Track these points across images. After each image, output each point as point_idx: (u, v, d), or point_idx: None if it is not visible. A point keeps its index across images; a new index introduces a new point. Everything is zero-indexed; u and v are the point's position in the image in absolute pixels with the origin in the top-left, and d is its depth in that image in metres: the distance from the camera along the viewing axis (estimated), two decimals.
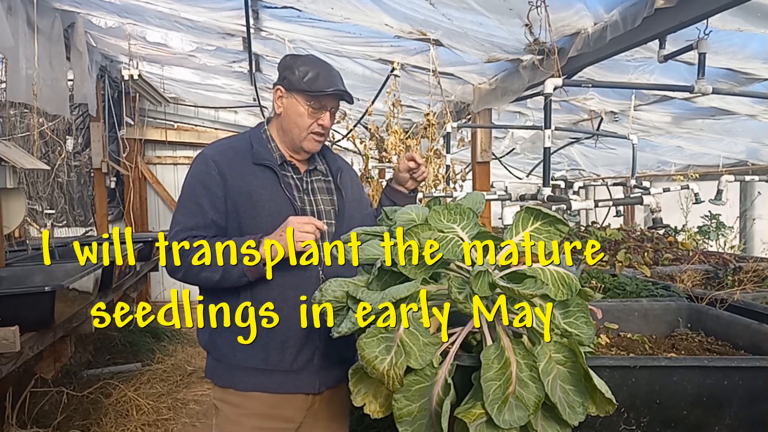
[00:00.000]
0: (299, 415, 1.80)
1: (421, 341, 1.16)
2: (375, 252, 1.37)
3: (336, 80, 1.80)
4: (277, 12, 3.67)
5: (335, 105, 1.83)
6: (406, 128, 5.01)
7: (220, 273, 1.66)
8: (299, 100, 1.78)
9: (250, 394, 1.74)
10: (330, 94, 1.78)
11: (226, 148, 1.82)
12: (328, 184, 1.91)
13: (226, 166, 1.75)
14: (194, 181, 1.76)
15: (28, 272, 3.17)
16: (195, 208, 1.74)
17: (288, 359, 1.73)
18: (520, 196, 3.51)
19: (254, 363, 1.73)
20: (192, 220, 1.73)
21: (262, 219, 1.72)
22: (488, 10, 2.77)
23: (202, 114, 8.10)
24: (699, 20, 2.25)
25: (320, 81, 1.77)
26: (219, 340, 1.78)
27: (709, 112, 4.34)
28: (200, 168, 1.77)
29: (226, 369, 1.78)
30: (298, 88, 1.77)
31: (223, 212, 1.74)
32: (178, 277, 1.73)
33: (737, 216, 3.92)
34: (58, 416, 3.64)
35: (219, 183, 1.73)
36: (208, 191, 1.73)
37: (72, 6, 4.32)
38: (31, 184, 6.74)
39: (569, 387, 1.10)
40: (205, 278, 1.70)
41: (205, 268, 1.67)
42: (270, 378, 1.74)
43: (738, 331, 1.59)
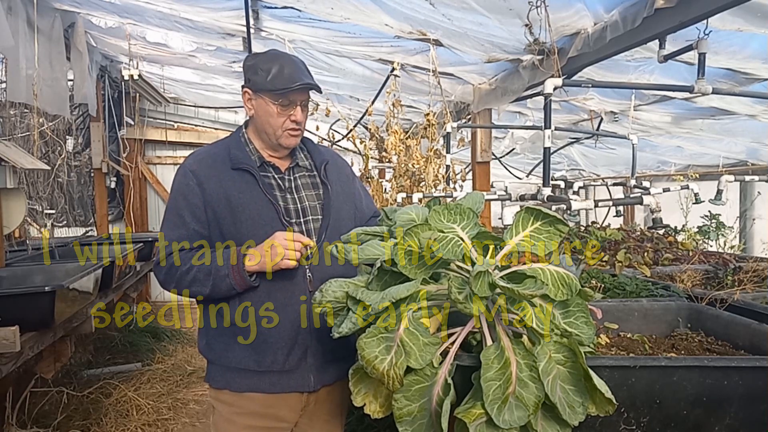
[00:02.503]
0: (293, 415, 1.80)
1: (421, 341, 1.16)
2: (375, 252, 1.37)
3: (300, 73, 1.77)
4: (277, 12, 3.67)
5: (305, 98, 1.81)
6: (406, 128, 5.01)
7: (209, 288, 1.69)
8: (267, 100, 1.77)
9: (244, 394, 1.76)
10: (297, 89, 1.75)
11: (205, 156, 1.83)
12: (313, 179, 1.89)
13: (204, 175, 1.76)
14: (175, 194, 1.79)
15: (28, 272, 3.17)
16: (177, 220, 1.76)
17: (280, 360, 1.73)
18: (520, 196, 3.51)
19: (247, 364, 1.74)
20: (176, 232, 1.75)
21: (243, 223, 1.73)
22: (488, 10, 2.77)
23: (202, 114, 8.10)
24: (699, 20, 2.25)
25: (284, 78, 1.74)
26: (213, 343, 1.80)
27: (709, 112, 4.35)
28: (179, 180, 1.79)
29: (220, 371, 1.79)
30: (263, 89, 1.76)
31: (204, 221, 1.75)
32: (170, 290, 1.77)
33: (737, 216, 3.91)
34: (58, 416, 3.64)
35: (197, 193, 1.75)
36: (187, 202, 1.75)
37: (72, 6, 4.32)
38: (31, 184, 6.74)
39: (569, 387, 1.10)
40: (195, 292, 1.73)
41: (194, 283, 1.70)
42: (263, 378, 1.75)
43: (738, 331, 1.59)
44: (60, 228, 7.26)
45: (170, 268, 1.73)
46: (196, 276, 1.70)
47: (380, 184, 5.03)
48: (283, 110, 1.77)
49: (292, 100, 1.77)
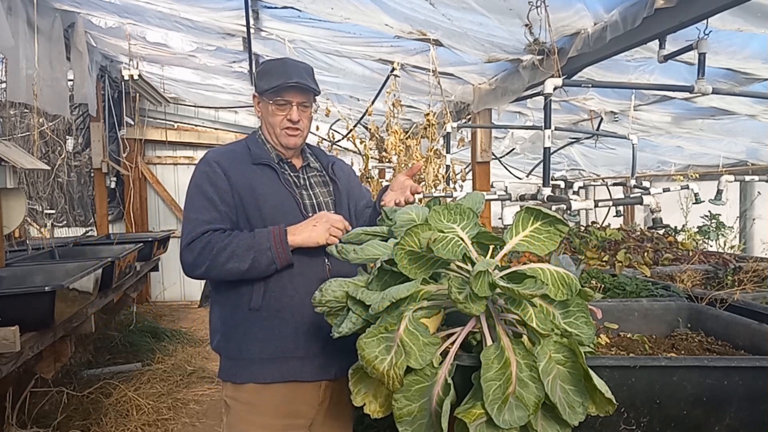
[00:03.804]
0: (310, 410, 1.83)
1: (421, 341, 1.16)
2: (375, 252, 1.37)
3: (295, 75, 1.84)
4: (277, 12, 3.67)
5: (301, 99, 1.88)
6: (406, 128, 5.01)
7: (249, 262, 1.70)
8: (265, 101, 1.89)
9: (269, 386, 1.77)
10: (287, 87, 1.83)
11: (225, 151, 1.91)
12: (323, 177, 2.01)
13: (228, 166, 1.83)
14: (201, 181, 1.82)
15: (28, 272, 3.17)
16: (207, 203, 1.79)
17: (302, 346, 1.77)
18: (520, 196, 3.51)
19: (270, 353, 1.76)
20: (207, 214, 1.77)
21: (267, 213, 1.79)
22: (488, 10, 2.77)
23: (202, 114, 8.11)
24: (699, 20, 2.25)
25: (276, 78, 1.84)
26: (231, 338, 1.81)
27: (709, 112, 4.34)
28: (204, 168, 1.84)
29: (241, 365, 1.79)
30: (261, 90, 1.88)
31: (232, 206, 1.80)
32: (200, 272, 1.74)
33: (737, 216, 3.91)
34: (58, 416, 3.64)
35: (224, 179, 1.81)
36: (215, 187, 1.80)
37: (72, 6, 4.32)
38: (31, 184, 6.73)
39: (569, 387, 1.10)
40: (231, 269, 1.71)
41: (231, 258, 1.70)
42: (287, 366, 1.77)
43: (738, 331, 1.59)
44: (60, 228, 7.26)
45: (205, 246, 1.71)
46: (234, 251, 1.70)
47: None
48: (279, 109, 1.87)
49: (288, 99, 1.86)
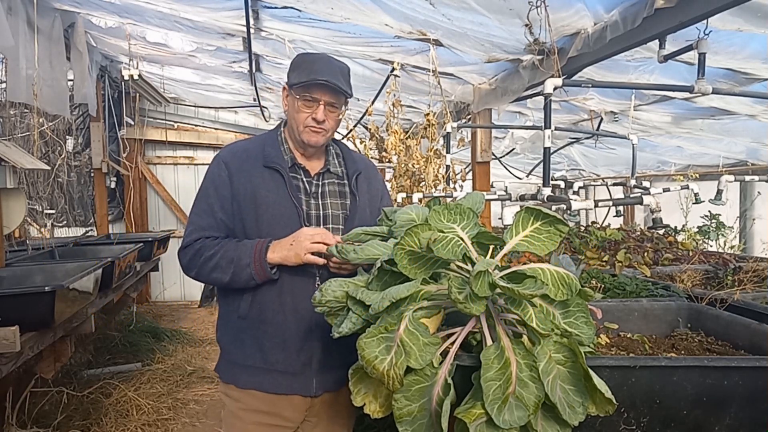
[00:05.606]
0: (298, 415, 1.82)
1: (421, 341, 1.16)
2: (375, 252, 1.37)
3: (324, 72, 1.75)
4: (277, 12, 3.67)
5: (329, 99, 1.78)
6: (406, 128, 5.01)
7: (230, 275, 1.72)
8: (293, 95, 1.81)
9: (248, 391, 1.78)
10: (316, 84, 1.74)
11: (239, 150, 1.86)
12: (341, 187, 1.89)
13: (236, 168, 1.80)
14: (207, 183, 1.84)
15: (28, 272, 3.17)
16: (206, 208, 1.81)
17: (287, 360, 1.75)
18: (520, 196, 3.51)
19: (253, 362, 1.78)
20: (204, 220, 1.80)
21: (264, 222, 1.76)
22: (488, 10, 2.77)
23: (202, 114, 8.11)
24: (699, 20, 2.25)
25: (306, 73, 1.75)
26: (225, 336, 1.85)
27: (709, 112, 4.34)
28: (213, 170, 1.84)
29: (228, 365, 1.84)
30: (291, 84, 1.81)
31: (230, 213, 1.79)
32: (192, 275, 1.81)
33: (737, 216, 3.92)
34: (58, 416, 3.64)
35: (227, 184, 1.79)
36: (217, 193, 1.80)
37: (72, 6, 4.32)
38: (31, 184, 6.72)
39: (569, 387, 1.10)
40: (215, 278, 1.76)
41: (215, 269, 1.74)
42: (267, 377, 1.77)
43: (738, 331, 1.59)
44: (60, 228, 7.26)
45: (195, 253, 1.77)
46: (218, 263, 1.73)
47: None
48: (306, 106, 1.79)
49: (315, 97, 1.77)
